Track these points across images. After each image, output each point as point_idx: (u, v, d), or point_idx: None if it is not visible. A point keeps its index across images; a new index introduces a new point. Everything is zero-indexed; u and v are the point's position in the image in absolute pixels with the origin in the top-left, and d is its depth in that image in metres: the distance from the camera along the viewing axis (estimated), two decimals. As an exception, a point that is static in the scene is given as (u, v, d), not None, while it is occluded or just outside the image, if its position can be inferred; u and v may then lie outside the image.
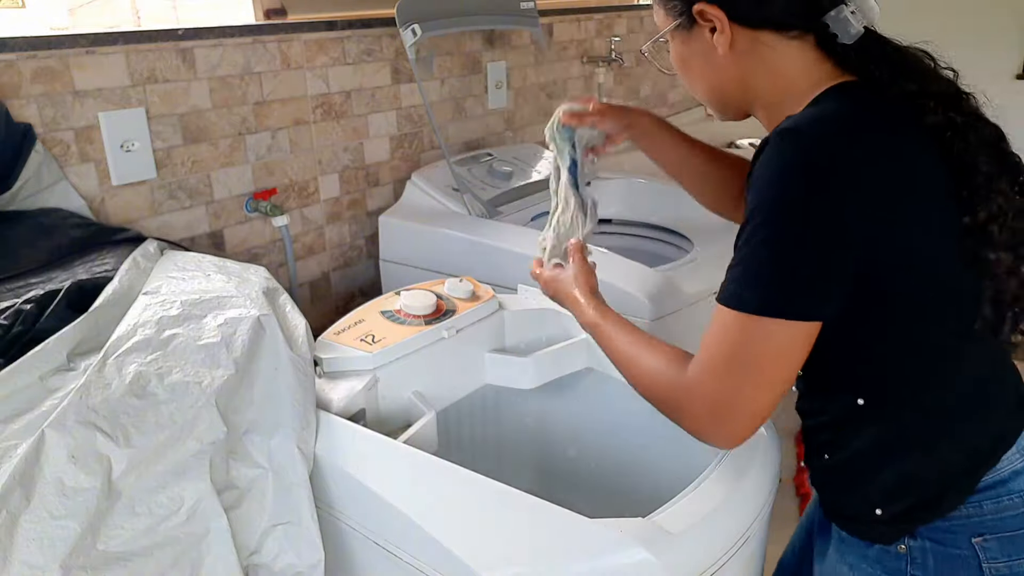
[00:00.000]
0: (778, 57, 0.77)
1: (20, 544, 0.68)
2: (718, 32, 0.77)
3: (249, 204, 1.51)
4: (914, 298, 0.71)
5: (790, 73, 0.77)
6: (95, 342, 0.89)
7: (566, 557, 0.72)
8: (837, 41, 0.75)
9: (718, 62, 0.79)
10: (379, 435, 0.90)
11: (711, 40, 0.78)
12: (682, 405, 0.74)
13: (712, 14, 0.76)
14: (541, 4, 1.96)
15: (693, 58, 0.82)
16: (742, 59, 0.78)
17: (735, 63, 0.79)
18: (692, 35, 0.80)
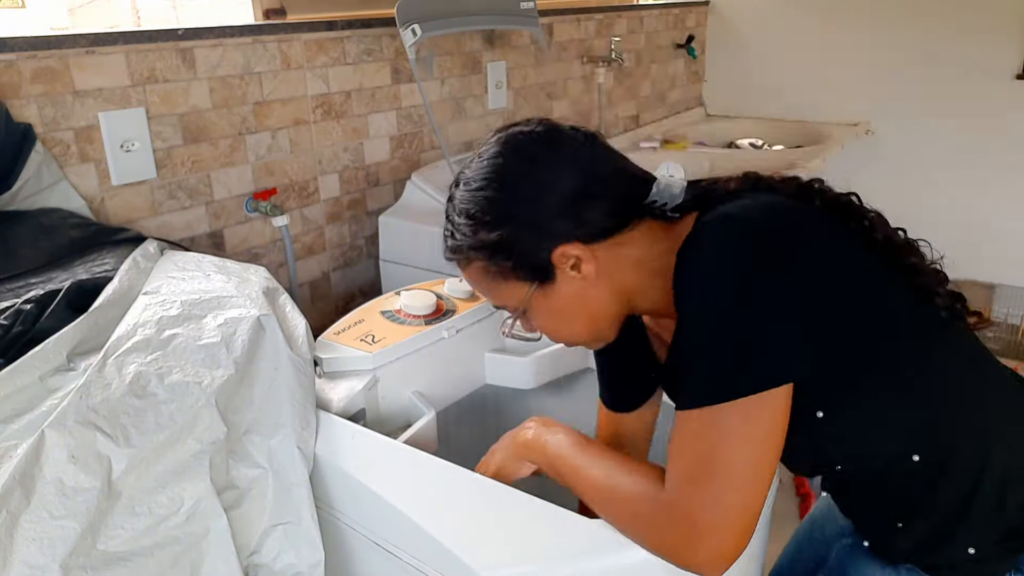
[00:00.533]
0: (634, 248, 0.78)
1: (20, 544, 0.68)
2: (584, 263, 0.76)
3: (249, 204, 1.51)
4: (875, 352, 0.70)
5: (649, 254, 0.78)
6: (95, 342, 0.89)
7: (566, 557, 0.72)
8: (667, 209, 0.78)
9: (590, 292, 0.78)
10: (379, 435, 0.90)
11: (577, 276, 0.77)
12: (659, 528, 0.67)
13: (572, 251, 0.76)
14: (541, 4, 1.96)
15: (564, 305, 0.80)
16: (608, 271, 0.78)
17: (606, 279, 0.78)
18: (554, 286, 0.78)
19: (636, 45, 2.67)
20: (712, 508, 0.64)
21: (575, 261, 0.76)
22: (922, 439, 0.72)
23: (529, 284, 0.79)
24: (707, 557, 0.64)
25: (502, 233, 0.76)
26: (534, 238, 0.76)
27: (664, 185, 0.78)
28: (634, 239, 0.78)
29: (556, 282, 0.78)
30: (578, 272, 0.77)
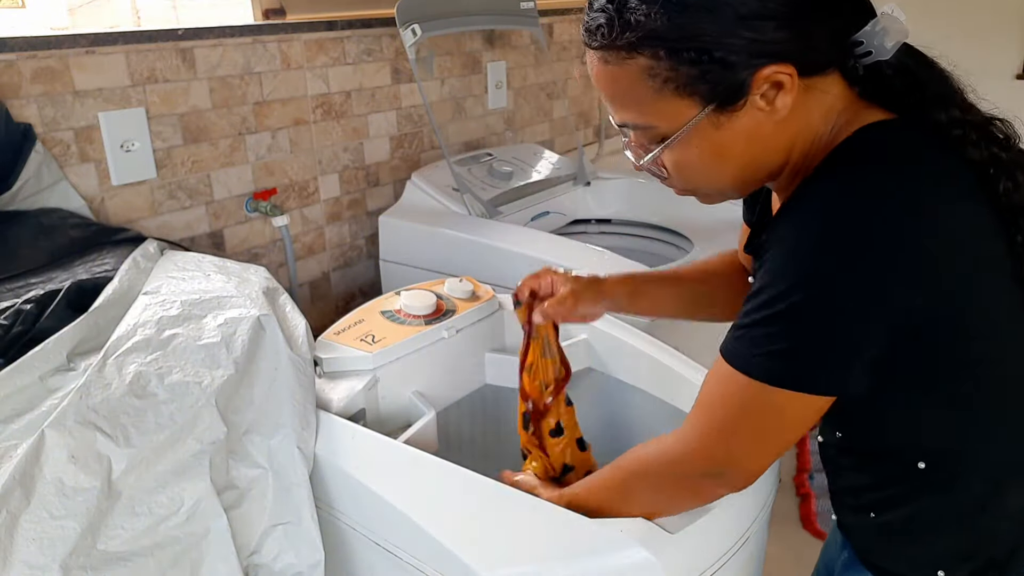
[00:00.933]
0: (819, 101, 0.65)
1: (20, 544, 0.68)
2: (785, 90, 0.62)
3: (249, 204, 1.51)
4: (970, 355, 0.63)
5: (821, 116, 0.65)
6: (95, 342, 0.89)
7: (566, 557, 0.72)
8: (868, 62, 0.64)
9: (766, 132, 0.64)
10: (379, 435, 0.90)
11: (764, 107, 0.63)
12: (679, 477, 0.70)
13: (782, 73, 0.61)
14: (541, 4, 1.96)
15: (731, 142, 0.65)
16: (795, 116, 0.64)
17: (789, 123, 0.64)
18: (733, 113, 0.63)
19: (636, 45, 2.67)
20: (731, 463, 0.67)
21: (773, 87, 0.62)
22: (939, 454, 0.67)
23: (703, 104, 0.63)
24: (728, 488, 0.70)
25: (704, 26, 0.60)
26: (742, 46, 0.60)
27: (880, 27, 0.62)
28: (828, 88, 0.65)
29: (738, 110, 0.63)
30: (768, 103, 0.62)
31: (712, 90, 0.62)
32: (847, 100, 0.66)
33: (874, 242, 0.58)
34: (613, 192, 1.93)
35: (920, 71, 0.65)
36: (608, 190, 1.92)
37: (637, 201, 1.90)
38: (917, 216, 0.59)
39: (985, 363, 0.65)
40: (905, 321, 0.60)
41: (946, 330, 0.62)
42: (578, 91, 2.42)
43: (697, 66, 0.61)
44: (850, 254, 0.58)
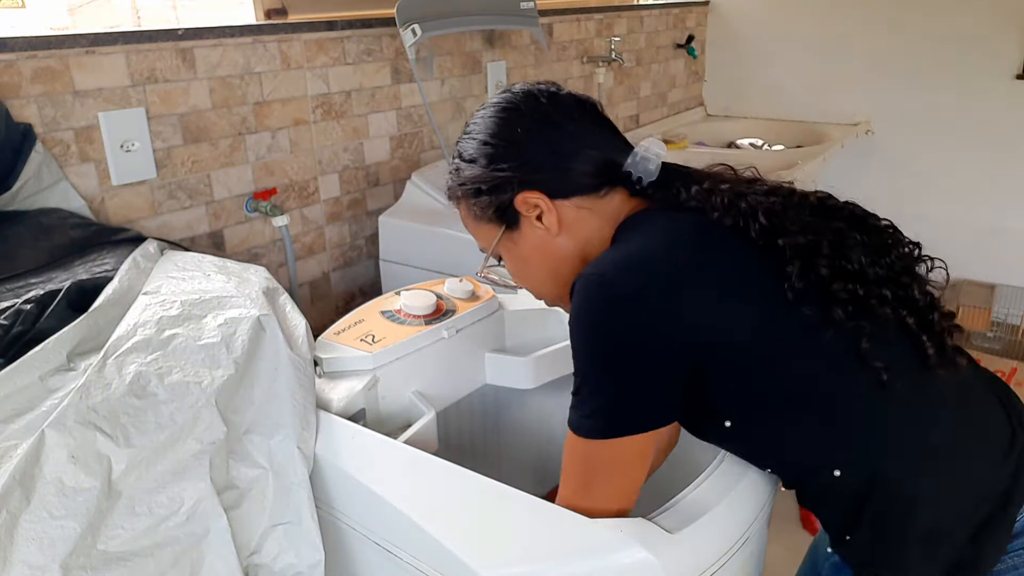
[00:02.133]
0: (599, 214, 0.82)
1: (20, 544, 0.68)
2: (545, 213, 0.81)
3: (249, 204, 1.51)
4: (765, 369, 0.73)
5: (608, 224, 0.82)
6: (95, 342, 0.89)
7: (566, 557, 0.72)
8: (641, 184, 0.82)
9: (553, 244, 0.83)
10: (379, 435, 0.90)
11: (540, 226, 0.82)
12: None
13: (533, 199, 0.81)
14: (541, 4, 1.96)
15: (529, 253, 0.85)
16: (574, 230, 0.82)
17: (568, 237, 0.83)
18: (520, 232, 0.84)
19: (636, 45, 2.67)
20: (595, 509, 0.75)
21: (538, 211, 0.82)
22: (840, 456, 0.73)
23: (499, 227, 0.85)
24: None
25: (477, 172, 0.83)
26: (502, 180, 0.82)
27: (640, 157, 0.82)
28: (603, 206, 0.82)
29: (521, 229, 0.84)
30: (540, 223, 0.82)
31: (498, 216, 0.84)
32: (631, 206, 0.83)
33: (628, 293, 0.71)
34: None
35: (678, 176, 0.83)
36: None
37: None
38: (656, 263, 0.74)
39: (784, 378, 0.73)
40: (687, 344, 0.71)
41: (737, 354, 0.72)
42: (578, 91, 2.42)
43: (482, 199, 0.84)
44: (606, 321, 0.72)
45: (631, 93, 2.70)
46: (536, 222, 0.82)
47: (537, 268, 0.86)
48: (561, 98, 0.85)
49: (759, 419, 0.75)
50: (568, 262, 0.84)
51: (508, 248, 0.86)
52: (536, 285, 0.90)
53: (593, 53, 2.43)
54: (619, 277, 0.73)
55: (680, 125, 2.92)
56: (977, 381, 0.80)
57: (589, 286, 0.73)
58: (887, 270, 0.76)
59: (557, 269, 0.85)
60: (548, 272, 0.86)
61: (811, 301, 0.72)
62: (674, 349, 0.71)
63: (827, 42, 2.82)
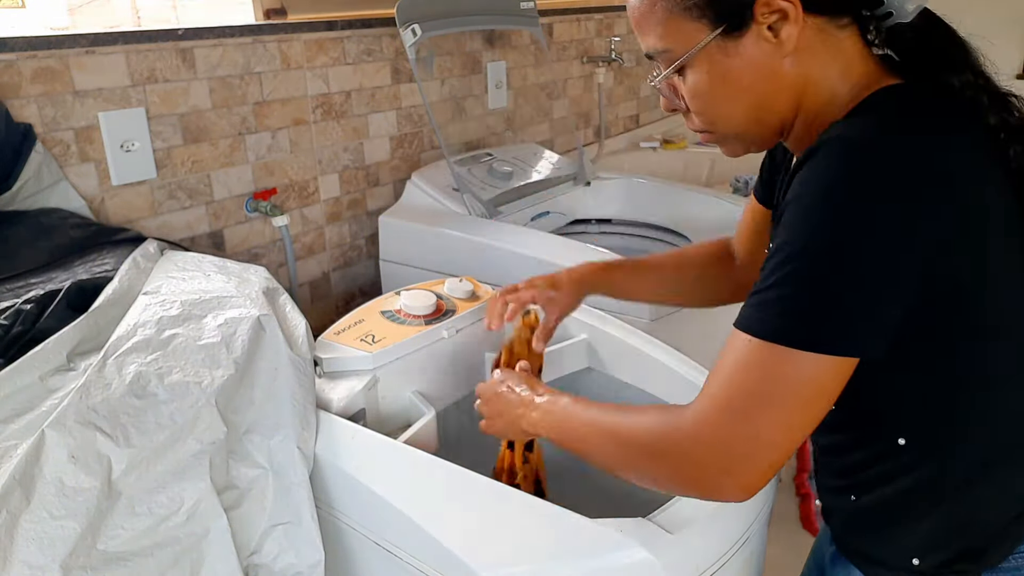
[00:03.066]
0: (833, 51, 0.66)
1: (20, 544, 0.68)
2: (790, 22, 0.64)
3: (249, 204, 1.51)
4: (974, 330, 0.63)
5: (838, 73, 0.67)
6: (95, 342, 0.89)
7: (566, 557, 0.72)
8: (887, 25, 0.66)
9: (775, 67, 0.66)
10: (379, 435, 0.90)
11: (771, 39, 0.65)
12: (685, 455, 0.62)
13: (783, 2, 0.63)
14: (541, 4, 1.96)
15: (740, 71, 0.67)
16: (804, 57, 0.66)
17: (797, 62, 0.66)
18: (740, 40, 0.66)
19: (636, 45, 2.66)
20: (751, 441, 0.60)
21: (779, 17, 0.64)
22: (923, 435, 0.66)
23: (712, 28, 0.66)
24: (735, 486, 0.62)
25: None
26: None
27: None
28: (840, 43, 0.66)
29: (744, 37, 0.65)
30: (775, 35, 0.65)
31: (719, 13, 0.65)
32: (866, 65, 0.67)
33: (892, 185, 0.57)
34: (613, 192, 1.93)
35: (938, 37, 0.67)
36: (608, 190, 1.92)
37: (637, 201, 1.91)
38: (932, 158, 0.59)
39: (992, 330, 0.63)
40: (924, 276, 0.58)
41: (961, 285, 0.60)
42: (578, 91, 2.42)
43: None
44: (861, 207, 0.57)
45: (631, 93, 2.70)
46: (767, 32, 0.65)
47: (742, 94, 0.68)
48: None
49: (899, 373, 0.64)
50: (785, 95, 0.68)
51: (710, 59, 0.67)
52: (725, 115, 0.71)
53: (593, 53, 2.43)
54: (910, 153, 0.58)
55: (680, 125, 2.92)
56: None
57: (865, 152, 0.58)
58: None
59: (768, 99, 0.68)
60: (754, 100, 0.68)
61: None
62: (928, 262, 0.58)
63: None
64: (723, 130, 0.73)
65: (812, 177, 0.60)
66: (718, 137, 0.74)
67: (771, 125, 0.71)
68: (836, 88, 0.67)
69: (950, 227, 0.58)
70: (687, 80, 0.70)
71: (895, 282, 0.58)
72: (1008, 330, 0.65)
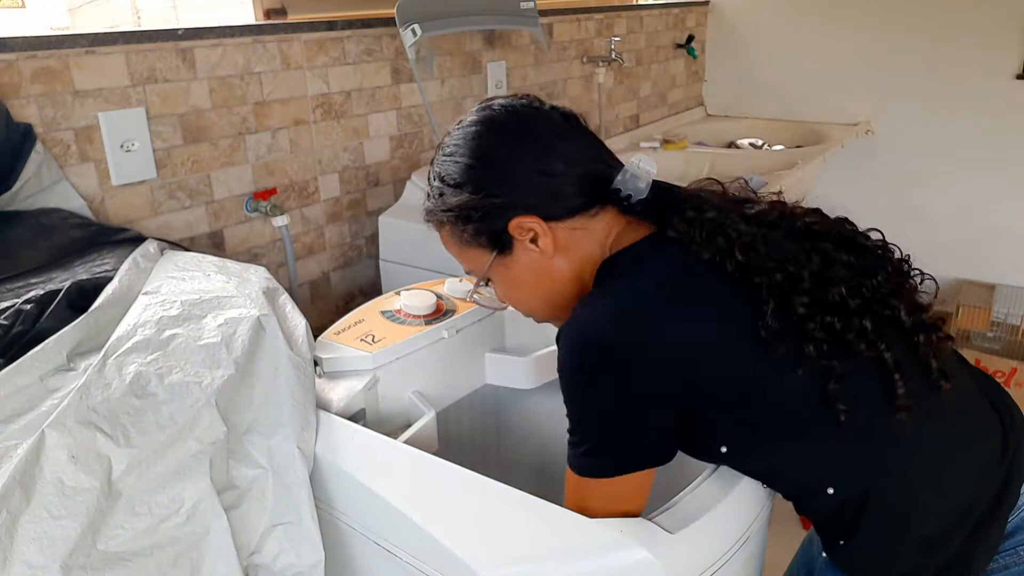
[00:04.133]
0: (591, 235, 0.81)
1: (20, 544, 0.68)
2: (540, 236, 0.80)
3: (249, 204, 1.51)
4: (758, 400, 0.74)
5: (601, 246, 0.81)
6: (95, 342, 0.89)
7: (566, 557, 0.72)
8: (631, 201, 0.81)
9: (549, 267, 0.82)
10: (379, 435, 0.90)
11: (534, 249, 0.81)
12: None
13: (528, 223, 0.79)
14: (541, 4, 1.96)
15: (523, 276, 0.84)
16: (569, 252, 0.81)
17: (564, 258, 0.81)
18: (513, 256, 0.82)
19: (636, 45, 2.67)
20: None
21: (532, 234, 0.80)
22: (832, 476, 0.74)
23: (490, 252, 0.83)
24: None
25: (466, 199, 0.80)
26: (495, 207, 0.80)
27: (630, 175, 0.80)
28: (594, 225, 0.81)
29: (514, 253, 0.82)
30: (535, 246, 0.81)
31: (489, 241, 0.82)
32: (621, 225, 0.82)
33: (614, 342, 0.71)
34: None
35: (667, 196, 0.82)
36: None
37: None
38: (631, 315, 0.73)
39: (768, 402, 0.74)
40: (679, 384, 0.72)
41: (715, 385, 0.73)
42: (578, 91, 2.42)
43: (470, 225, 0.81)
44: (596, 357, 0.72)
45: (631, 93, 2.70)
46: (530, 245, 0.81)
47: (532, 290, 0.85)
48: (544, 113, 0.83)
49: (752, 444, 0.76)
50: (563, 282, 0.83)
51: (500, 272, 0.85)
52: (529, 306, 0.89)
53: (593, 53, 2.43)
54: (609, 324, 0.73)
55: (680, 125, 2.92)
56: (970, 385, 0.80)
57: (580, 334, 0.73)
58: (873, 292, 0.76)
59: (552, 290, 0.84)
60: (543, 293, 0.85)
61: (787, 338, 0.72)
62: (666, 392, 0.72)
63: (827, 42, 2.82)
64: (536, 316, 0.90)
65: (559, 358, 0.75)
66: (540, 319, 0.90)
67: (569, 305, 0.82)
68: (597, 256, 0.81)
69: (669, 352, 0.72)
70: (495, 287, 0.89)
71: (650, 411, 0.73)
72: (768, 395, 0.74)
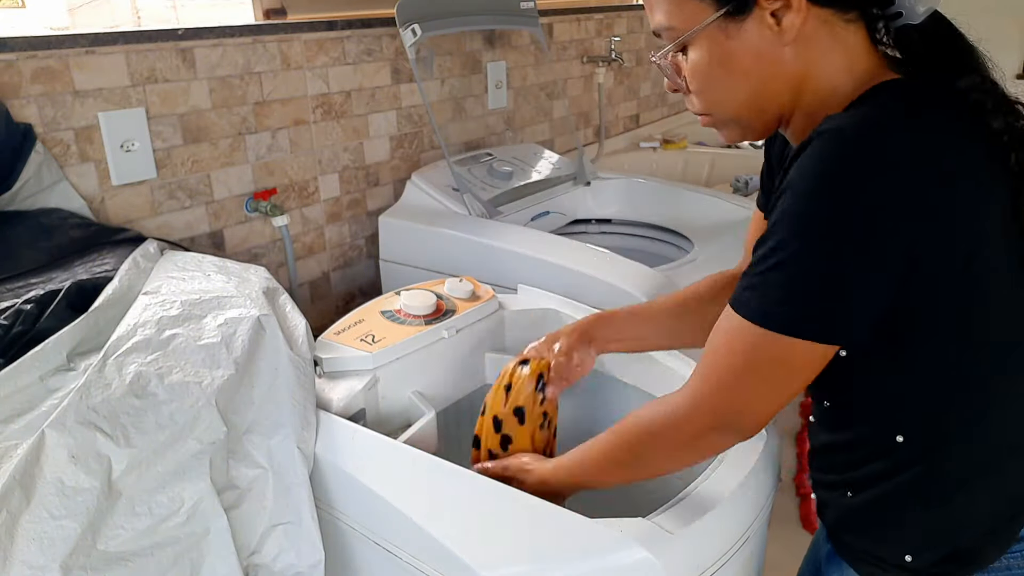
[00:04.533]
0: (837, 44, 0.66)
1: (20, 544, 0.68)
2: (792, 11, 0.64)
3: (249, 204, 1.51)
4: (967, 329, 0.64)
5: (841, 67, 0.67)
6: (95, 342, 0.89)
7: (566, 557, 0.72)
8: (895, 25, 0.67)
9: (776, 54, 0.66)
10: (379, 435, 0.90)
11: (773, 26, 0.65)
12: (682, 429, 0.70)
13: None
14: (541, 4, 1.96)
15: (740, 55, 0.67)
16: (805, 47, 0.66)
17: (798, 53, 0.66)
18: (743, 24, 0.66)
19: (636, 45, 2.67)
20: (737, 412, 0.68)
21: (782, 4, 0.65)
22: (921, 432, 0.67)
23: (715, 9, 0.67)
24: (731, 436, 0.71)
25: None
26: None
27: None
28: (844, 33, 0.67)
29: (747, 22, 0.66)
30: (777, 22, 0.65)
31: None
32: (871, 61, 0.67)
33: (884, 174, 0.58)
34: (613, 192, 1.93)
35: (946, 39, 0.68)
36: (608, 190, 1.92)
37: (637, 201, 1.91)
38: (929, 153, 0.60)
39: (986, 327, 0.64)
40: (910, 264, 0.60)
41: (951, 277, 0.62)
42: (578, 91, 2.42)
43: None
44: (849, 193, 0.59)
45: (631, 93, 2.70)
46: (770, 19, 0.65)
47: (742, 77, 0.68)
48: None
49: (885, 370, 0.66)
50: (784, 83, 0.68)
51: (713, 41, 0.68)
52: (723, 99, 0.71)
53: (593, 53, 2.43)
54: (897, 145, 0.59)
55: (680, 125, 2.92)
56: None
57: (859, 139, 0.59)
58: None
59: (767, 86, 0.68)
60: (753, 86, 0.69)
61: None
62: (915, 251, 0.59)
63: (827, 42, 2.81)
64: (721, 113, 0.73)
65: (806, 165, 0.61)
66: (716, 120, 0.74)
67: (769, 113, 0.71)
68: (838, 82, 0.67)
69: (942, 221, 0.59)
70: (689, 59, 0.70)
71: (881, 266, 0.60)
72: (1002, 331, 0.65)
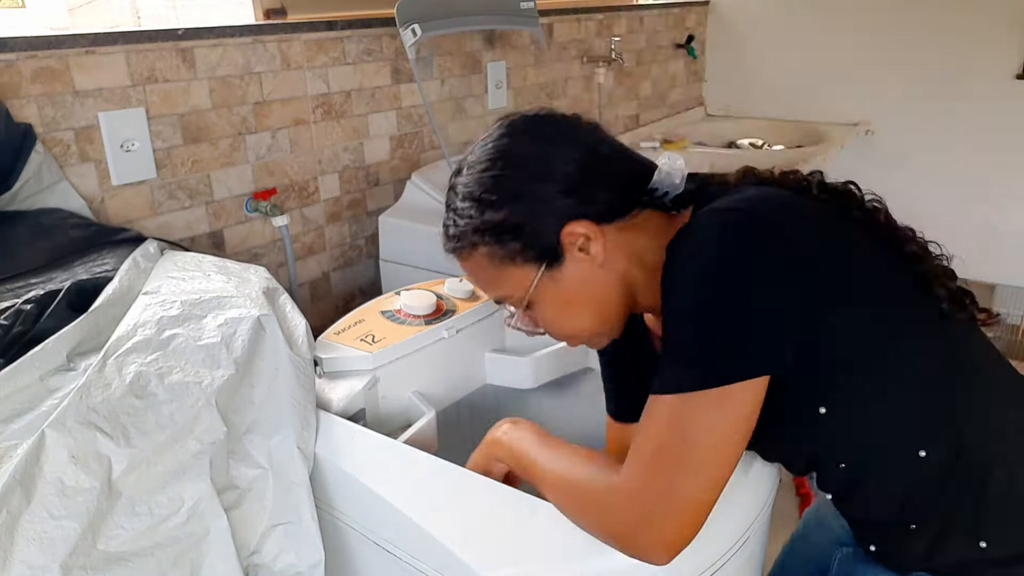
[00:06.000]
0: (639, 234, 0.77)
1: (20, 544, 0.68)
2: (593, 241, 0.75)
3: (249, 204, 1.51)
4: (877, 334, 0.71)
5: (651, 244, 0.77)
6: (95, 342, 0.89)
7: (566, 557, 0.72)
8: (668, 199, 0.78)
9: (598, 275, 0.77)
10: (379, 435, 0.90)
11: (585, 257, 0.75)
12: (608, 506, 0.68)
13: (580, 229, 0.74)
14: (541, 4, 1.96)
15: (572, 290, 0.77)
16: (617, 254, 0.77)
17: (613, 261, 0.77)
18: (563, 267, 0.76)
19: (636, 45, 2.67)
20: (664, 495, 0.65)
21: (583, 241, 0.75)
22: (927, 434, 0.71)
23: (537, 267, 0.76)
24: (652, 543, 0.65)
25: (509, 211, 0.75)
26: (543, 215, 0.74)
27: (665, 173, 0.77)
28: (637, 227, 0.77)
29: (564, 265, 0.76)
30: (586, 253, 0.75)
31: (537, 255, 0.76)
32: (670, 223, 0.78)
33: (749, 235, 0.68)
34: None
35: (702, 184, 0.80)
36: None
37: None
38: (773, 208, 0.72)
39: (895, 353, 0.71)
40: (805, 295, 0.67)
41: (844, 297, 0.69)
42: (578, 91, 2.42)
43: (517, 240, 0.75)
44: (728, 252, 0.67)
45: (631, 93, 2.70)
46: (579, 254, 0.75)
47: (582, 306, 0.79)
48: (572, 119, 0.80)
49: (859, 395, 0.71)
50: (615, 292, 0.78)
51: (547, 290, 0.77)
52: (577, 327, 0.81)
53: (593, 53, 2.43)
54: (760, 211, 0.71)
55: (680, 125, 2.92)
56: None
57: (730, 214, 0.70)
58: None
59: (602, 303, 0.79)
60: (594, 308, 0.79)
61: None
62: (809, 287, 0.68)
63: (827, 42, 2.82)
64: (582, 335, 0.82)
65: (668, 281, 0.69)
66: (581, 340, 0.83)
67: (616, 316, 0.80)
68: (655, 255, 0.75)
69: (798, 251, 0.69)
70: (537, 312, 0.80)
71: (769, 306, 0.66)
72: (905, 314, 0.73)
